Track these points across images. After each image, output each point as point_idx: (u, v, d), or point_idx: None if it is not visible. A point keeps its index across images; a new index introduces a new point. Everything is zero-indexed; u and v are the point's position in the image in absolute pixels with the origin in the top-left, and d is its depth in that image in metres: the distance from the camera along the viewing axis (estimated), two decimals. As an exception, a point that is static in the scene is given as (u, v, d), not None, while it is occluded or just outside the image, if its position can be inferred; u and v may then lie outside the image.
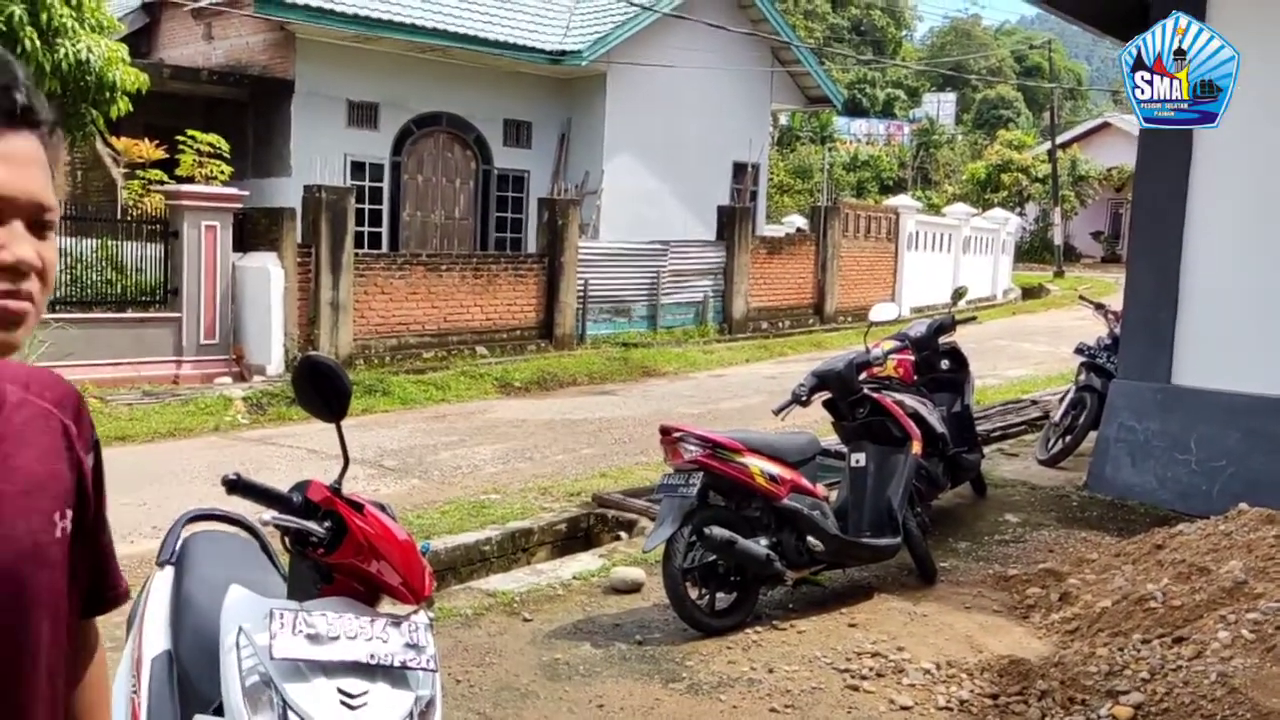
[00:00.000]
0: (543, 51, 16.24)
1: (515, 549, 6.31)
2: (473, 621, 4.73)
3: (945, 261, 21.94)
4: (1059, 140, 34.09)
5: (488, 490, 7.35)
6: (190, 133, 11.48)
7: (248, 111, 14.86)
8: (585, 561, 5.76)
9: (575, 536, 6.67)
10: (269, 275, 11.13)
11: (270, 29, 14.48)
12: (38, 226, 1.05)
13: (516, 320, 13.75)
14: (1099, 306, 8.99)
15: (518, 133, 17.10)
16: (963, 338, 7.18)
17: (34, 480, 1.10)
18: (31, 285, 1.04)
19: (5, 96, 1.01)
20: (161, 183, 11.35)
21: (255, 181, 13.80)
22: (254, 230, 11.41)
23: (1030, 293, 25.76)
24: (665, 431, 4.82)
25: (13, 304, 1.03)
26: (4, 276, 1.02)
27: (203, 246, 10.84)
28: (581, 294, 14.39)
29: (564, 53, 16.35)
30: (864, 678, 4.24)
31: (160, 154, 11.58)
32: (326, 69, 14.66)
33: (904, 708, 4.00)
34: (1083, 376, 8.17)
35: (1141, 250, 7.25)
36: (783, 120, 36.52)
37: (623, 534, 6.49)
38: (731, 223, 16.56)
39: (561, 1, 17.91)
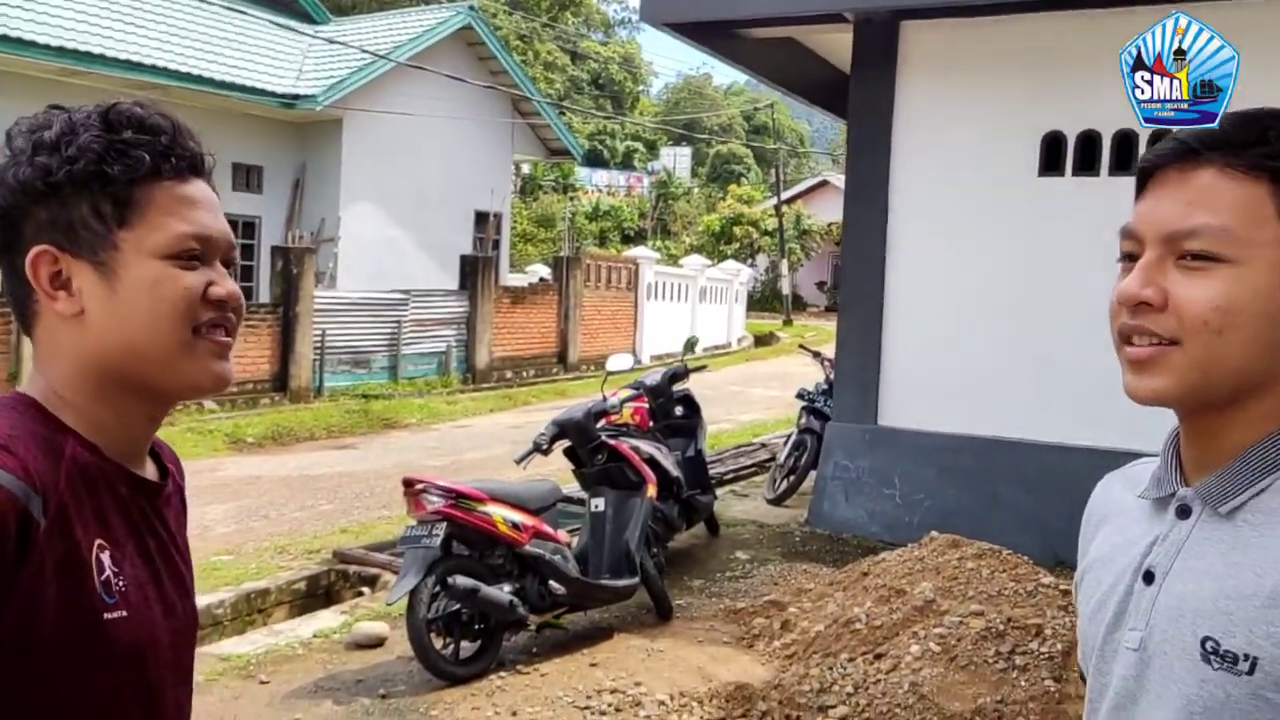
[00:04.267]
0: (274, 95, 15.77)
1: (251, 611, 6.09)
2: (204, 689, 4.54)
3: (683, 310, 22.94)
4: (785, 196, 36.55)
5: (220, 552, 7.03)
6: None
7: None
8: (326, 619, 5.65)
9: (315, 595, 6.51)
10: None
11: (-39, 58, 13.26)
12: (225, 264, 1.11)
13: (248, 373, 13.20)
14: (817, 354, 9.72)
15: (248, 177, 16.48)
16: (698, 384, 7.60)
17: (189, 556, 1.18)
18: (235, 318, 1.10)
19: (189, 150, 1.08)
20: None
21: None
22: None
23: (762, 340, 27.29)
24: (408, 483, 4.85)
25: (226, 338, 1.08)
26: (217, 310, 1.06)
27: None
28: (319, 345, 14.01)
29: (297, 96, 15.95)
30: (603, 714, 4.41)
31: None
32: (29, 105, 13.14)
33: (641, 740, 4.21)
34: (803, 420, 8.81)
35: (848, 305, 7.97)
36: (525, 169, 37.04)
37: (366, 589, 6.40)
38: (475, 272, 16.62)
39: (295, 45, 17.48)
